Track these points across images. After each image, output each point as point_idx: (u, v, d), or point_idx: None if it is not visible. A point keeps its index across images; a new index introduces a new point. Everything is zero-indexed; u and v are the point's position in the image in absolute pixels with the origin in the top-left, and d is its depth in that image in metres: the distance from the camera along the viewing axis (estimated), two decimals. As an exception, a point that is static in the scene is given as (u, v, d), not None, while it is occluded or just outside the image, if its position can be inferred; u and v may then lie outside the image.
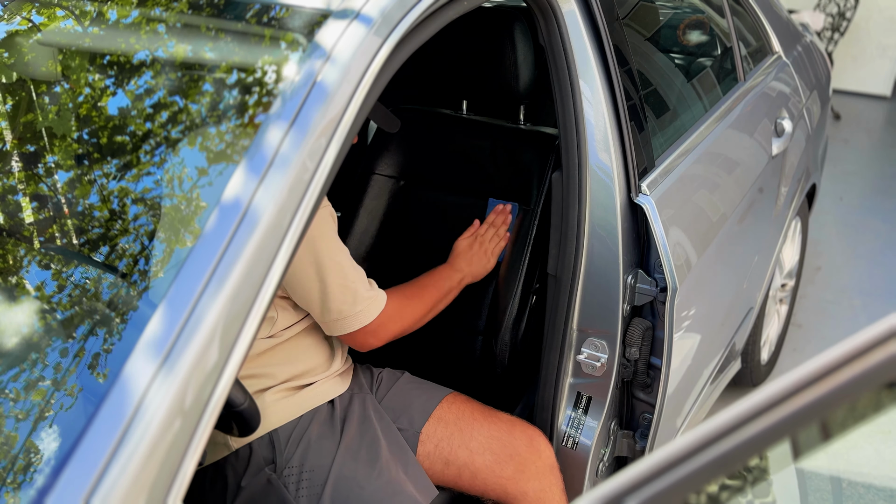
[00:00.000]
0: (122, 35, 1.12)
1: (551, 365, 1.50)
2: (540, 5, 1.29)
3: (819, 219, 3.78)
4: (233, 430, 1.06)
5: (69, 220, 1.01)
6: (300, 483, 1.29)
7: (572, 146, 1.37)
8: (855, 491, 0.84)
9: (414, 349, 1.81)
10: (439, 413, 1.45)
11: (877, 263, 3.44)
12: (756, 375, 2.49)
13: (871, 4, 5.61)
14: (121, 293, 0.89)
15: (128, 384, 0.75)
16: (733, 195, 1.81)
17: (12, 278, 0.99)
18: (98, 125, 1.05)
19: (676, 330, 1.48)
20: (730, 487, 0.57)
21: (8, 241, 1.03)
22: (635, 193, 1.42)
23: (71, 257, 0.99)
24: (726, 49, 2.12)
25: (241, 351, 0.81)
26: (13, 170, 1.09)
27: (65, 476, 0.71)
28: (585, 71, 1.36)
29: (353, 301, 1.30)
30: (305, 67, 0.92)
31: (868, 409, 0.56)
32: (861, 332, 0.55)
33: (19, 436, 0.82)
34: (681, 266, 1.46)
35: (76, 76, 1.13)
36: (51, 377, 0.86)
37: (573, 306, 1.45)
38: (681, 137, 1.68)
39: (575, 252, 1.42)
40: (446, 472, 1.42)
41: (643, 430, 1.59)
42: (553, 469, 1.45)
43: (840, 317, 3.04)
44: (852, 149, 4.84)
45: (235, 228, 0.82)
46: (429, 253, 1.85)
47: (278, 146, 0.87)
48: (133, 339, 0.78)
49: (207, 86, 0.99)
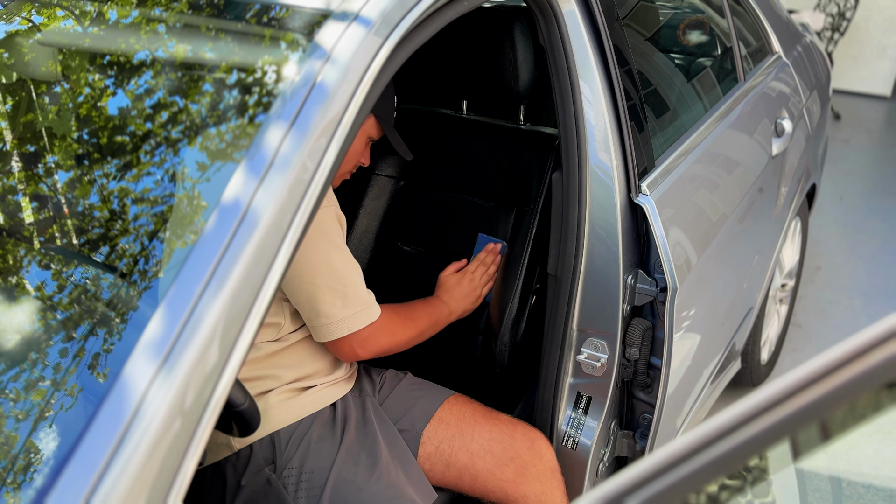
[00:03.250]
0: (122, 35, 1.12)
1: (551, 365, 1.49)
2: (540, 5, 1.29)
3: (819, 219, 3.79)
4: (233, 431, 1.06)
5: (69, 220, 1.01)
6: (299, 484, 1.29)
7: (572, 146, 1.37)
8: (855, 491, 0.84)
9: (414, 350, 1.81)
10: (441, 415, 1.45)
11: (876, 263, 3.44)
12: (756, 375, 2.48)
13: (871, 4, 5.61)
14: (121, 293, 0.89)
15: (128, 384, 0.75)
16: (733, 195, 1.81)
17: (12, 278, 0.99)
18: (98, 125, 1.05)
19: (676, 330, 1.48)
20: (730, 487, 0.57)
21: (8, 241, 1.03)
22: (635, 193, 1.42)
23: (71, 257, 0.99)
24: (726, 49, 2.12)
25: (242, 351, 0.81)
26: (13, 170, 1.09)
27: (65, 476, 0.71)
28: (585, 71, 1.36)
29: (343, 304, 1.28)
30: (305, 68, 0.92)
31: (868, 409, 0.56)
32: (861, 332, 0.55)
33: (19, 436, 0.82)
34: (681, 266, 1.46)
35: (76, 76, 1.13)
36: (51, 377, 0.86)
37: (573, 306, 1.45)
38: (681, 137, 1.68)
39: (575, 252, 1.42)
40: (447, 474, 1.42)
41: (643, 430, 1.59)
42: (554, 472, 1.45)
43: (840, 317, 3.04)
44: (852, 149, 4.84)
45: (235, 228, 0.82)
46: (429, 253, 1.85)
47: (278, 146, 0.87)
48: (133, 340, 0.78)
49: (207, 86, 0.99)
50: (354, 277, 1.31)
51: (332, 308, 1.27)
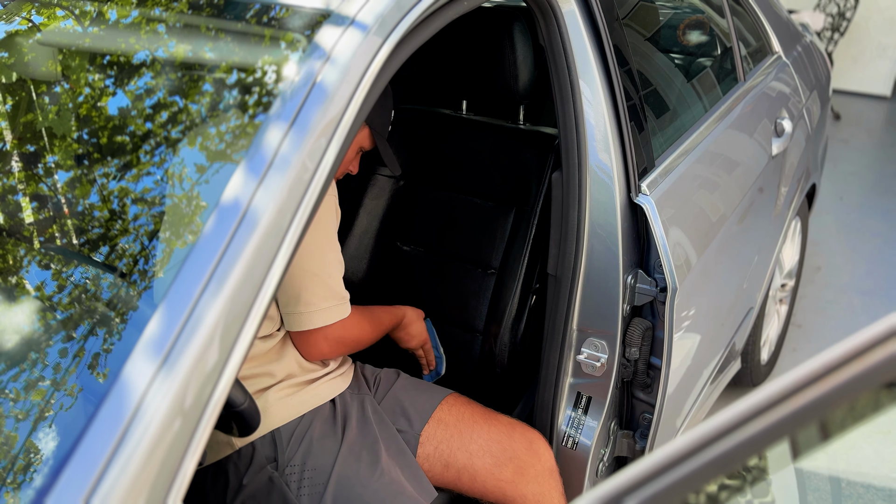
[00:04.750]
0: (122, 35, 1.12)
1: (551, 365, 1.50)
2: (540, 5, 1.29)
3: (819, 219, 3.79)
4: (233, 430, 1.06)
5: (69, 220, 1.01)
6: (302, 482, 1.29)
7: (572, 146, 1.37)
8: (854, 491, 0.84)
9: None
10: (439, 415, 1.45)
11: (876, 263, 3.44)
12: (756, 375, 2.49)
13: (871, 4, 5.61)
14: (121, 293, 0.89)
15: (128, 384, 0.75)
16: (733, 195, 1.81)
17: (12, 278, 0.99)
18: (98, 125, 1.05)
19: (676, 330, 1.48)
20: (729, 487, 0.57)
21: (8, 241, 1.03)
22: (635, 193, 1.42)
23: (71, 257, 0.99)
24: (726, 49, 2.12)
25: (242, 351, 0.81)
26: (13, 170, 1.09)
27: (65, 476, 0.71)
28: (585, 71, 1.36)
29: (324, 296, 1.30)
30: (305, 68, 0.92)
31: (867, 409, 0.56)
32: (861, 332, 0.55)
33: (19, 436, 0.82)
34: (681, 266, 1.46)
35: (76, 76, 1.13)
36: (51, 377, 0.86)
37: (573, 306, 1.45)
38: (681, 137, 1.68)
39: (575, 252, 1.42)
40: (446, 474, 1.42)
41: (643, 430, 1.59)
42: (552, 473, 1.45)
43: (840, 317, 3.04)
44: (852, 149, 4.84)
45: (235, 228, 0.82)
46: (428, 253, 1.85)
47: (278, 146, 0.87)
48: (133, 339, 0.78)
49: (207, 86, 0.99)
50: (338, 272, 1.33)
51: (313, 297, 1.29)
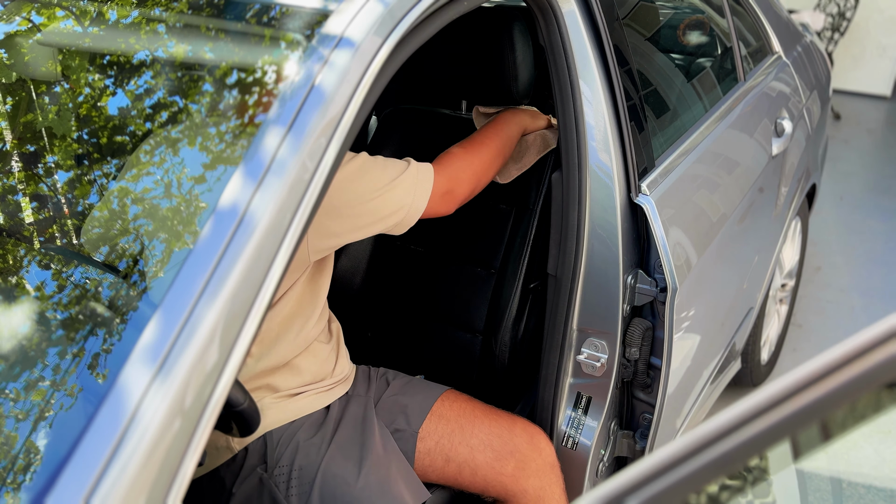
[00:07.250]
0: (122, 35, 1.12)
1: (551, 365, 1.49)
2: (540, 5, 1.29)
3: (819, 219, 3.79)
4: (233, 431, 1.06)
5: (69, 220, 1.01)
6: (290, 482, 1.29)
7: (572, 146, 1.37)
8: (855, 491, 0.84)
9: (414, 349, 1.81)
10: (440, 410, 1.45)
11: (876, 263, 3.44)
12: (756, 375, 2.48)
13: (871, 4, 5.61)
14: (120, 294, 0.89)
15: (127, 384, 0.75)
16: (733, 195, 1.81)
17: (12, 278, 0.99)
18: (98, 125, 1.05)
19: (676, 330, 1.48)
20: (730, 487, 0.57)
21: (8, 241, 1.03)
22: (635, 193, 1.42)
23: (71, 257, 0.99)
24: (726, 49, 2.12)
25: (241, 351, 0.81)
26: (13, 170, 1.09)
27: (64, 476, 0.71)
28: (585, 71, 1.36)
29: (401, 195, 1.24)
30: (305, 68, 0.92)
31: (868, 409, 0.56)
32: (861, 333, 0.55)
33: (19, 436, 0.82)
34: (681, 266, 1.46)
35: (76, 76, 1.13)
36: (50, 377, 0.86)
37: (573, 306, 1.45)
38: (681, 137, 1.68)
39: (575, 252, 1.41)
40: (447, 469, 1.42)
41: (643, 431, 1.59)
42: (553, 467, 1.45)
43: (840, 317, 3.04)
44: (852, 149, 4.84)
45: (235, 228, 0.82)
46: (428, 252, 1.85)
47: (278, 146, 0.87)
48: (132, 340, 0.78)
49: (207, 86, 0.99)
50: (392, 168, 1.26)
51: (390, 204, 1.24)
